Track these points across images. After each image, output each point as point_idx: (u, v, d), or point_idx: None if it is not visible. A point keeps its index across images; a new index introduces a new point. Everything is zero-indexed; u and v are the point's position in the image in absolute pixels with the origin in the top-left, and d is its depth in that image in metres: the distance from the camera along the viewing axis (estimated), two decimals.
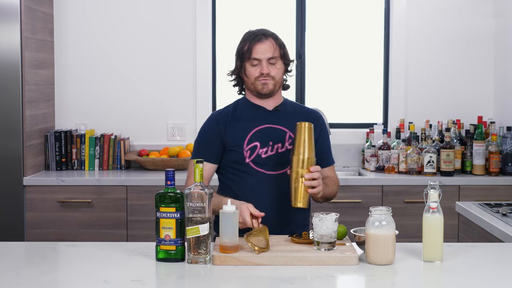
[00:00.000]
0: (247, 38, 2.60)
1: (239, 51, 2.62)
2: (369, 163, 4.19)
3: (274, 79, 2.58)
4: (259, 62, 2.57)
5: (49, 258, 2.20)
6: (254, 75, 2.58)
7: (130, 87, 4.43)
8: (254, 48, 2.56)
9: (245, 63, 2.59)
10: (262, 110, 2.65)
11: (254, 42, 2.56)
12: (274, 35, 2.61)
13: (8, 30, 3.77)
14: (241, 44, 2.62)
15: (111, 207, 3.85)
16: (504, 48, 4.32)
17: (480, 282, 1.93)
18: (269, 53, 2.56)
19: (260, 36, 2.57)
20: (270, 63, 2.57)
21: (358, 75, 4.59)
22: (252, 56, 2.56)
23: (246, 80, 2.62)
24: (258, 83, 2.58)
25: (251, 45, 2.56)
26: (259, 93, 2.61)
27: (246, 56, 2.57)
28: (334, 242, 2.14)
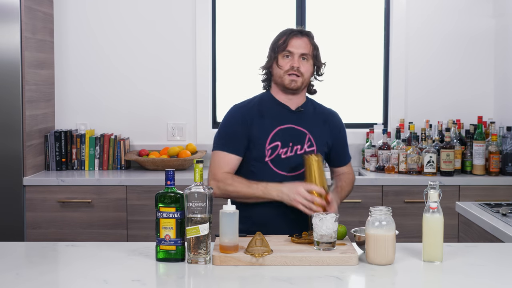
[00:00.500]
0: (284, 33, 2.65)
1: (274, 43, 2.65)
2: (369, 163, 4.19)
3: (302, 76, 2.61)
4: (292, 55, 2.60)
5: (49, 258, 2.20)
6: (284, 68, 2.60)
7: (130, 87, 4.43)
8: (290, 41, 2.60)
9: (278, 55, 2.61)
10: (286, 109, 2.66)
11: (291, 36, 2.61)
12: (311, 35, 2.67)
13: (8, 30, 3.77)
14: (277, 37, 2.66)
15: (111, 207, 3.85)
16: (504, 48, 4.32)
17: (480, 282, 1.93)
18: (303, 49, 2.60)
19: (297, 32, 2.63)
20: (302, 59, 2.61)
21: (358, 75, 4.59)
22: (287, 48, 2.60)
23: (275, 73, 2.63)
24: (287, 78, 2.60)
25: (287, 38, 2.61)
26: (286, 88, 2.62)
27: (280, 48, 2.61)
28: (334, 242, 2.14)
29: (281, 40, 2.61)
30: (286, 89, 2.62)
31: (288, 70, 2.59)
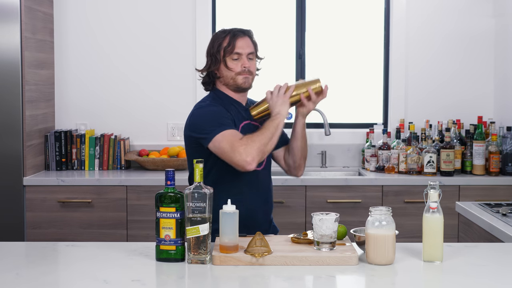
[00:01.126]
0: (226, 34, 2.62)
1: (218, 45, 2.62)
2: (369, 163, 4.19)
3: (252, 75, 2.65)
4: (240, 56, 2.60)
5: (49, 258, 2.20)
6: (235, 70, 2.60)
7: (130, 87, 4.43)
8: (236, 43, 2.60)
9: (226, 58, 2.60)
10: (241, 107, 2.68)
11: (236, 37, 2.61)
12: (250, 33, 2.68)
13: (8, 30, 3.77)
14: (219, 40, 2.63)
15: (111, 207, 3.85)
16: (504, 48, 4.32)
17: (480, 282, 1.93)
18: (248, 48, 2.62)
19: (239, 33, 2.63)
20: (249, 58, 2.63)
21: (358, 75, 4.59)
22: (235, 50, 2.59)
23: (225, 74, 2.62)
24: (239, 78, 2.61)
25: (232, 40, 2.60)
26: (239, 88, 2.63)
27: (227, 51, 2.59)
28: (334, 242, 2.14)
29: (225, 42, 2.60)
30: (239, 88, 2.64)
31: (239, 72, 2.60)
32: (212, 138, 2.50)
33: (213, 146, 2.50)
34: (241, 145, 2.44)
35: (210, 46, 2.64)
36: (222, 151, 2.48)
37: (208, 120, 2.55)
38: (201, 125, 2.56)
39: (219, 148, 2.48)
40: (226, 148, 2.46)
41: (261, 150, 2.44)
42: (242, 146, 2.44)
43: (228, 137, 2.47)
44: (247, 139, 2.46)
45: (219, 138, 2.48)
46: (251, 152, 2.43)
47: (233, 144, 2.45)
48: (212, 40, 2.65)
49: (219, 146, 2.48)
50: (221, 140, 2.48)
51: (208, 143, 2.51)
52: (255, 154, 2.43)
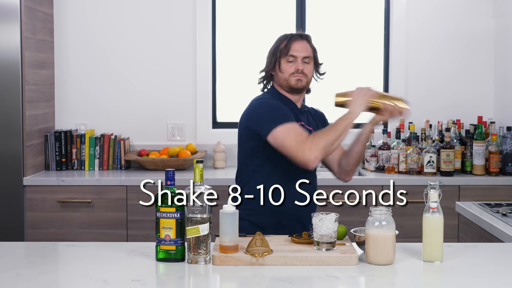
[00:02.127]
0: (284, 37, 2.69)
1: (275, 48, 2.68)
2: (369, 163, 4.19)
3: (307, 77, 2.67)
4: (295, 59, 2.65)
5: (49, 258, 2.20)
6: (289, 71, 2.64)
7: (130, 87, 4.43)
8: (292, 45, 2.65)
9: (281, 59, 2.65)
10: (296, 108, 2.70)
11: (292, 40, 2.66)
12: (309, 38, 2.73)
13: (8, 30, 3.77)
14: (277, 42, 2.70)
15: (111, 207, 3.85)
16: (504, 48, 4.32)
17: (480, 282, 1.93)
18: (305, 52, 2.66)
19: (297, 36, 2.69)
20: (304, 62, 2.66)
21: (358, 75, 4.59)
22: (290, 53, 2.64)
23: (279, 76, 2.67)
24: (292, 79, 2.64)
25: (289, 43, 2.65)
26: (292, 88, 2.66)
27: (283, 52, 2.64)
28: (334, 242, 2.14)
29: (283, 44, 2.66)
30: (293, 89, 2.67)
31: (293, 73, 2.64)
32: (273, 129, 2.46)
33: (273, 138, 2.46)
34: (306, 141, 2.41)
35: (270, 48, 2.71)
36: (284, 144, 2.44)
37: (268, 111, 2.54)
38: (261, 116, 2.54)
39: (282, 141, 2.44)
40: (289, 142, 2.43)
41: (326, 149, 2.42)
42: (308, 143, 2.40)
43: (291, 131, 2.44)
44: (313, 136, 2.44)
45: (281, 131, 2.45)
46: (316, 150, 2.39)
47: (297, 139, 2.42)
48: (273, 44, 2.71)
49: (282, 139, 2.44)
50: (284, 133, 2.45)
51: (267, 135, 2.48)
52: (319, 153, 2.40)
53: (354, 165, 2.70)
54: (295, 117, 2.64)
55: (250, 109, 2.64)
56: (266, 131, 2.48)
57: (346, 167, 2.70)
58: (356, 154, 2.67)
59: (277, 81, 2.69)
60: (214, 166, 4.31)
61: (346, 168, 2.71)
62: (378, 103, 2.55)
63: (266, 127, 2.48)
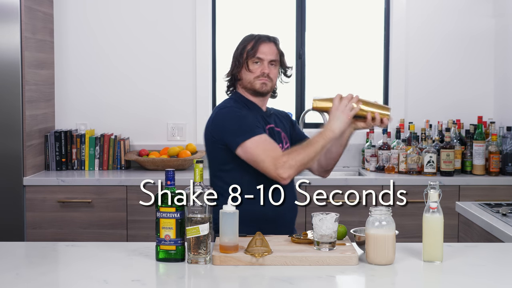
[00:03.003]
0: (252, 38, 2.66)
1: (242, 48, 2.65)
2: (369, 163, 4.19)
3: (272, 81, 2.65)
4: (261, 61, 2.62)
5: (49, 258, 2.20)
6: (255, 74, 2.62)
7: (130, 87, 4.43)
8: (259, 47, 2.62)
9: (248, 60, 2.63)
10: (261, 111, 2.69)
11: (260, 42, 2.63)
12: (277, 41, 2.70)
13: (8, 30, 3.77)
14: (244, 43, 2.67)
15: (111, 207, 3.85)
16: (504, 48, 4.32)
17: (480, 282, 1.93)
18: (271, 55, 2.63)
19: (265, 38, 2.65)
20: (271, 65, 2.64)
21: (358, 75, 4.59)
22: (257, 54, 2.62)
23: (244, 77, 2.64)
24: (257, 82, 2.62)
25: (256, 44, 2.63)
26: (256, 92, 2.64)
27: (250, 53, 2.62)
28: (334, 242, 2.14)
29: (250, 45, 2.63)
30: (257, 93, 2.65)
31: (258, 76, 2.62)
32: (242, 143, 2.44)
33: (243, 153, 2.44)
34: (281, 159, 2.38)
35: (236, 49, 2.68)
36: (256, 160, 2.41)
37: (236, 122, 2.50)
38: (228, 127, 2.51)
39: (253, 156, 2.42)
40: (261, 157, 2.40)
41: (300, 168, 2.40)
42: (282, 161, 2.37)
43: (262, 145, 2.42)
44: (288, 154, 2.39)
45: (251, 145, 2.42)
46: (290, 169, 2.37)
47: (270, 154, 2.39)
48: (239, 44, 2.68)
49: (253, 154, 2.42)
50: (255, 147, 2.42)
51: (236, 148, 2.45)
52: (293, 172, 2.38)
53: (334, 164, 2.74)
54: (263, 120, 2.63)
55: (215, 119, 2.58)
56: (234, 144, 2.45)
57: (326, 167, 2.74)
58: (336, 155, 2.68)
59: (242, 84, 2.66)
60: None
61: (326, 168, 2.75)
62: (363, 113, 2.48)
63: (234, 140, 2.46)
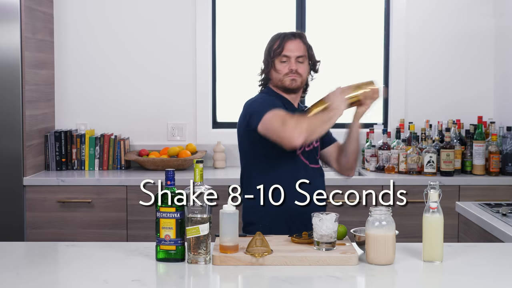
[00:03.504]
0: (277, 37, 2.68)
1: (269, 48, 2.68)
2: (369, 163, 4.19)
3: (301, 77, 2.67)
4: (288, 59, 2.64)
5: (49, 258, 2.20)
6: (283, 72, 2.64)
7: (130, 87, 4.43)
8: (285, 45, 2.64)
9: (275, 59, 2.65)
10: (293, 107, 2.70)
11: (285, 40, 2.65)
12: (303, 36, 2.71)
13: (8, 30, 3.77)
14: (271, 43, 2.69)
15: (111, 207, 3.85)
16: (504, 48, 4.32)
17: (480, 282, 1.93)
18: (298, 51, 2.65)
19: (290, 35, 2.67)
20: (298, 61, 2.66)
21: (358, 75, 4.58)
22: (283, 53, 2.64)
23: (274, 76, 2.67)
24: (287, 79, 2.65)
25: (282, 42, 2.65)
26: (287, 89, 2.67)
27: (276, 52, 2.64)
28: (334, 242, 2.14)
29: (276, 44, 2.65)
30: (288, 89, 2.67)
31: (287, 73, 2.64)
32: (262, 117, 2.49)
33: (262, 126, 2.49)
34: (291, 120, 2.43)
35: (265, 49, 2.70)
36: (270, 127, 2.46)
37: (259, 105, 2.56)
38: (252, 110, 2.57)
39: (268, 125, 2.47)
40: (276, 124, 2.45)
41: (310, 131, 2.42)
42: (292, 122, 2.42)
43: (278, 114, 2.47)
44: (298, 117, 2.46)
45: (269, 116, 2.48)
46: (300, 129, 2.40)
47: (282, 119, 2.44)
48: (267, 44, 2.71)
49: (269, 123, 2.47)
50: (270, 117, 2.47)
51: (258, 124, 2.50)
52: (304, 130, 2.40)
53: (354, 161, 2.76)
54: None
55: (244, 109, 2.65)
56: (256, 122, 2.51)
57: (346, 165, 2.77)
58: (352, 152, 2.72)
59: (272, 82, 2.70)
60: (214, 166, 4.31)
61: (346, 166, 2.77)
62: (357, 96, 2.57)
63: (256, 119, 2.52)
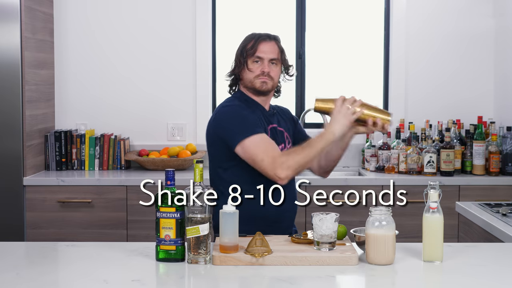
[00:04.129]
0: (252, 37, 2.66)
1: (242, 48, 2.66)
2: (369, 163, 4.19)
3: (272, 80, 2.64)
4: (261, 60, 2.62)
5: (49, 258, 2.20)
6: (255, 72, 2.62)
7: (130, 87, 4.43)
8: (259, 46, 2.62)
9: (247, 59, 2.62)
10: (264, 110, 2.69)
11: (260, 41, 2.63)
12: (277, 39, 2.69)
13: (8, 30, 3.77)
14: (244, 42, 2.67)
15: (111, 207, 3.85)
16: (504, 48, 4.32)
17: (480, 282, 1.93)
18: (272, 54, 2.63)
19: (265, 37, 2.65)
20: (271, 63, 2.63)
21: (358, 75, 4.59)
22: (256, 54, 2.61)
23: (245, 77, 2.64)
24: (257, 81, 2.62)
25: (256, 43, 2.62)
26: (257, 91, 2.64)
27: (249, 52, 2.62)
28: (334, 242, 2.14)
29: (250, 44, 2.63)
30: (258, 92, 2.64)
31: (258, 75, 2.61)
32: (241, 141, 2.44)
33: (242, 151, 2.45)
34: (279, 159, 2.38)
35: (237, 48, 2.68)
36: (255, 159, 2.42)
37: (237, 120, 2.51)
38: (229, 125, 2.52)
39: (251, 155, 2.43)
40: (260, 157, 2.40)
41: (298, 169, 2.40)
42: (280, 161, 2.38)
43: (261, 144, 2.42)
44: (287, 154, 2.41)
45: (251, 144, 2.43)
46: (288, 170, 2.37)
47: (269, 154, 2.40)
48: (240, 43, 2.69)
49: (252, 153, 2.43)
50: (254, 146, 2.42)
51: (235, 146, 2.46)
52: (291, 173, 2.38)
53: (334, 166, 2.75)
54: (266, 119, 2.64)
55: (217, 117, 2.60)
56: (234, 142, 2.46)
57: (326, 168, 2.76)
58: (336, 158, 2.70)
59: (243, 83, 2.67)
60: None
61: (326, 169, 2.77)
62: (365, 117, 2.48)
63: (234, 138, 2.47)
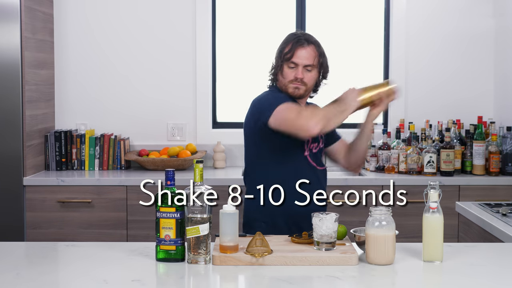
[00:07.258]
0: (290, 40, 2.63)
1: (281, 50, 2.64)
2: (369, 163, 4.19)
3: (306, 86, 2.63)
4: (296, 66, 2.60)
5: (49, 258, 2.20)
6: (288, 78, 2.61)
7: (130, 87, 4.43)
8: (296, 52, 2.59)
9: (283, 63, 2.62)
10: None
11: (297, 46, 2.60)
12: (317, 43, 2.66)
13: (8, 30, 3.77)
14: (283, 44, 2.64)
15: (111, 207, 3.85)
16: (504, 48, 4.32)
17: (480, 282, 1.93)
18: (307, 60, 2.60)
19: (303, 41, 2.61)
20: (306, 70, 2.61)
21: (358, 75, 4.59)
22: (292, 59, 2.59)
23: (280, 79, 2.65)
24: (290, 86, 2.61)
25: (293, 48, 2.60)
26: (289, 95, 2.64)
27: (286, 57, 2.60)
28: (334, 242, 2.14)
29: (287, 48, 2.60)
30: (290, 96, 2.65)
31: (292, 80, 2.61)
32: (274, 110, 2.48)
33: (274, 119, 2.47)
34: (306, 110, 2.43)
35: (278, 48, 2.67)
36: (286, 118, 2.44)
37: (269, 99, 2.56)
38: (262, 105, 2.56)
39: (282, 117, 2.45)
40: (290, 114, 2.44)
41: (326, 118, 2.42)
42: (308, 111, 2.42)
43: (291, 105, 2.48)
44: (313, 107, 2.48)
45: (281, 108, 2.47)
46: (317, 117, 2.40)
47: (297, 110, 2.44)
48: (281, 43, 2.67)
49: (282, 115, 2.46)
50: (284, 109, 2.47)
51: (269, 117, 2.48)
52: (320, 119, 2.40)
53: (362, 159, 2.81)
54: None
55: (252, 106, 2.65)
56: (267, 115, 2.49)
57: (355, 162, 2.80)
58: (362, 151, 2.77)
59: (279, 85, 2.67)
60: (214, 166, 4.31)
61: (356, 164, 2.81)
62: (371, 97, 2.56)
63: (267, 113, 2.49)
